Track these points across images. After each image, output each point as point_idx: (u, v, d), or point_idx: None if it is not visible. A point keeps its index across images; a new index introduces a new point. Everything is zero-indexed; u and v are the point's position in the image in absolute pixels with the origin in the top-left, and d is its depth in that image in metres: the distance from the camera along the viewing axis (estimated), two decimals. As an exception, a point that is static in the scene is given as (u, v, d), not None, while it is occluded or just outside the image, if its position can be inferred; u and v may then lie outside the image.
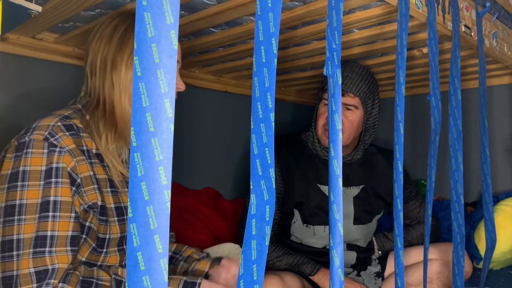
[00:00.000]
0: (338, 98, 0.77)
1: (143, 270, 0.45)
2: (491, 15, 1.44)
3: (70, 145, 0.86)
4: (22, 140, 0.83)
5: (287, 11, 1.10)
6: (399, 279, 0.91)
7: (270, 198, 0.60)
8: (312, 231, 1.42)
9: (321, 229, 1.41)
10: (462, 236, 1.11)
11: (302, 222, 1.42)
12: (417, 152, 2.14)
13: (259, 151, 0.60)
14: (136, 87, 0.47)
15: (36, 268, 0.78)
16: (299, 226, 1.42)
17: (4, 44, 1.28)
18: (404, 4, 0.97)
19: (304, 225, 1.42)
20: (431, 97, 1.05)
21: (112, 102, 0.92)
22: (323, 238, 1.42)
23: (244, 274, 0.57)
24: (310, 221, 1.41)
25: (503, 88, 1.95)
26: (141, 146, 0.46)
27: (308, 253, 1.41)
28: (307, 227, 1.42)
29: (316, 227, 1.41)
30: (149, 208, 0.46)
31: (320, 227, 1.41)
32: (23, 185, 0.80)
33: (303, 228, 1.42)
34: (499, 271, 1.61)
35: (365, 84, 1.39)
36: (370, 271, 1.48)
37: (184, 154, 1.80)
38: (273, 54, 0.62)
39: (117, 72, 0.92)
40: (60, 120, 0.88)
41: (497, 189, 1.88)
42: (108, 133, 0.93)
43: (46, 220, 0.80)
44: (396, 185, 0.92)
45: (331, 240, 0.73)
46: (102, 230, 0.90)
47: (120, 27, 0.94)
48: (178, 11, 0.48)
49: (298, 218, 1.42)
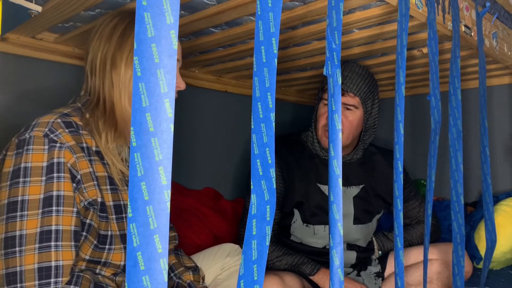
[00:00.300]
0: (338, 98, 0.77)
1: (143, 270, 0.45)
2: (491, 15, 1.44)
3: (70, 142, 0.86)
4: (22, 137, 0.84)
5: (287, 11, 1.10)
6: (399, 279, 0.91)
7: (271, 198, 0.60)
8: (312, 231, 1.42)
9: (321, 229, 1.42)
10: (462, 236, 1.11)
11: (302, 221, 1.42)
12: (417, 152, 2.14)
13: (259, 151, 0.60)
14: (136, 87, 0.47)
15: (40, 264, 0.78)
16: (299, 225, 1.43)
17: (4, 44, 1.28)
18: (404, 4, 0.97)
19: (304, 224, 1.42)
20: (431, 97, 1.05)
21: (112, 101, 0.93)
22: (323, 237, 1.42)
23: (245, 274, 0.57)
24: (310, 220, 1.41)
25: (503, 88, 1.95)
26: (141, 146, 0.46)
27: (308, 253, 1.41)
28: (307, 226, 1.42)
29: (316, 227, 1.42)
30: (149, 208, 0.46)
31: (320, 227, 1.41)
32: (25, 181, 0.80)
33: (303, 228, 1.42)
34: (499, 271, 1.61)
35: (365, 84, 1.39)
36: (370, 271, 1.48)
37: (184, 154, 1.80)
38: (274, 54, 0.62)
39: (116, 70, 0.92)
40: (59, 117, 0.88)
41: (497, 189, 1.88)
42: (108, 131, 0.93)
43: (50, 215, 0.80)
44: (396, 185, 0.92)
45: (331, 240, 0.73)
46: (103, 227, 0.90)
47: (120, 26, 0.94)
48: (178, 11, 0.48)
49: (298, 217, 1.42)
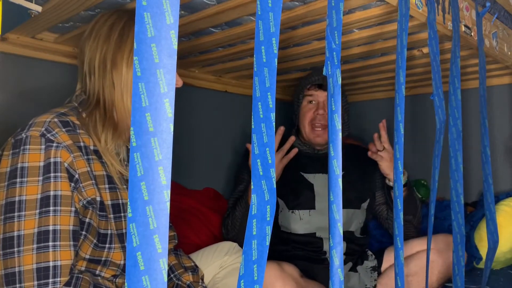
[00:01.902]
0: (338, 98, 0.77)
1: (142, 270, 0.45)
2: (491, 15, 1.44)
3: (67, 141, 0.85)
4: (18, 137, 0.83)
5: (287, 11, 1.10)
6: (399, 279, 0.91)
7: (271, 198, 0.60)
8: (298, 217, 1.47)
9: (306, 213, 1.47)
10: (462, 236, 1.11)
11: (288, 209, 1.48)
12: (417, 152, 2.14)
13: (260, 151, 0.60)
14: (135, 87, 0.46)
15: (38, 264, 0.78)
16: (285, 213, 1.48)
17: (4, 44, 1.28)
18: (404, 4, 0.97)
19: (290, 211, 1.48)
20: (434, 96, 1.05)
21: (112, 102, 0.92)
22: (309, 222, 1.47)
23: (245, 274, 0.57)
24: (295, 206, 1.47)
25: (503, 88, 1.95)
26: (140, 146, 0.46)
27: (297, 242, 1.46)
28: (293, 213, 1.47)
29: (301, 212, 1.47)
30: (148, 208, 0.46)
31: (305, 212, 1.47)
32: (22, 181, 0.80)
33: (289, 215, 1.48)
34: (499, 271, 1.61)
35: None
36: (366, 266, 1.49)
37: (184, 154, 1.80)
38: (274, 54, 0.62)
39: (117, 71, 0.91)
40: (56, 116, 0.87)
41: (498, 189, 1.88)
42: (108, 132, 0.93)
43: (47, 215, 0.80)
44: (396, 185, 0.92)
45: (331, 240, 0.73)
46: (103, 226, 0.90)
47: (117, 25, 0.93)
48: (178, 11, 0.48)
49: (284, 206, 1.48)
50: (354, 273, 1.47)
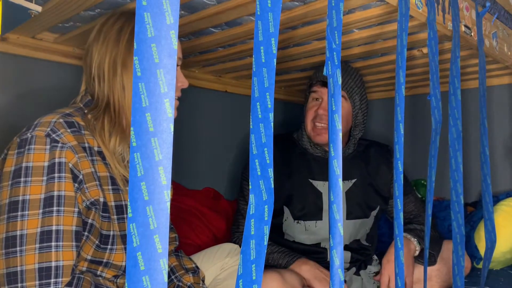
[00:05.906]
0: (338, 98, 0.77)
1: (143, 270, 0.45)
2: (491, 15, 1.44)
3: (72, 142, 0.86)
4: (24, 137, 0.83)
5: (287, 11, 1.10)
6: (399, 279, 0.91)
7: (269, 198, 0.60)
8: (303, 227, 1.43)
9: (312, 225, 1.43)
10: (462, 236, 1.11)
11: (293, 218, 1.43)
12: (417, 152, 2.15)
13: (258, 151, 0.60)
14: (136, 87, 0.47)
15: (40, 264, 0.78)
16: (290, 223, 1.44)
17: (4, 44, 1.28)
18: (404, 4, 0.97)
19: (295, 221, 1.43)
20: (431, 97, 1.05)
21: (122, 106, 0.92)
22: (315, 233, 1.43)
23: (243, 274, 0.58)
24: (300, 217, 1.43)
25: (503, 88, 1.95)
26: (141, 146, 0.46)
27: (301, 251, 1.42)
28: (298, 223, 1.43)
29: (307, 223, 1.43)
30: (148, 208, 0.46)
31: (311, 223, 1.43)
32: (26, 181, 0.80)
33: (294, 225, 1.43)
34: (499, 271, 1.61)
35: (352, 79, 1.42)
36: (369, 271, 1.48)
37: (184, 154, 1.80)
38: (273, 54, 0.62)
39: (128, 74, 0.91)
40: (62, 117, 0.88)
41: (497, 189, 1.88)
42: (117, 136, 0.93)
43: (50, 215, 0.80)
44: (396, 185, 0.92)
45: (331, 240, 0.73)
46: (106, 227, 0.90)
47: (126, 28, 0.94)
48: (178, 11, 0.48)
49: (289, 215, 1.44)
50: (357, 277, 1.45)
